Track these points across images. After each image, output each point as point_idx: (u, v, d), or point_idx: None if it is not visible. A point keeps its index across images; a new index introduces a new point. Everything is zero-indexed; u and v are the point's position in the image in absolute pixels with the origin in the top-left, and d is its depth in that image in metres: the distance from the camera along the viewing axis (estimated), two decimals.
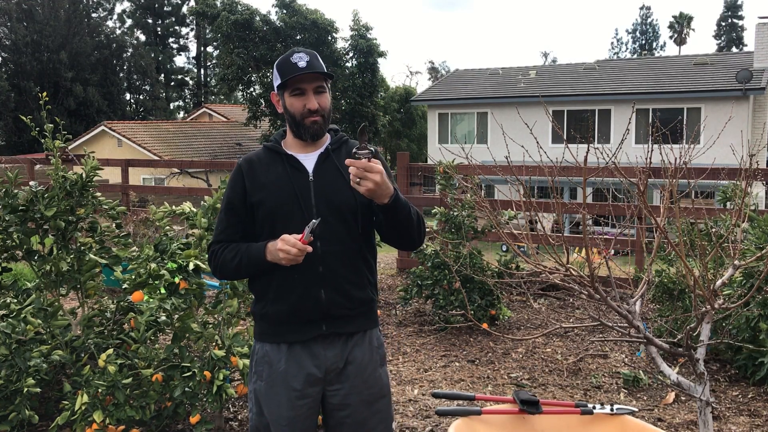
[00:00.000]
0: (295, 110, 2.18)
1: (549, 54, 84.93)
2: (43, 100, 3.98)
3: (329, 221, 2.16)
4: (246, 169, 2.27)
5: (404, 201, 2.14)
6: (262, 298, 2.27)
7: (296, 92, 2.17)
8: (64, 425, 3.43)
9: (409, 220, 2.16)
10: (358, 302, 2.24)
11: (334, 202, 2.19)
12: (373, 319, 2.31)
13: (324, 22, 28.83)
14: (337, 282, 2.19)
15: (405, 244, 2.30)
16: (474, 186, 5.07)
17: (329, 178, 2.21)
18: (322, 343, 2.22)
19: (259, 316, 2.29)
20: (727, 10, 61.67)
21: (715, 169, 4.73)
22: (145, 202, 11.29)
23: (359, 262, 2.24)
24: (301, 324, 2.21)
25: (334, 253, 2.18)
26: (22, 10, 41.31)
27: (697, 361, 2.87)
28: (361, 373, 2.25)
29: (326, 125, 2.23)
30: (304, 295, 2.18)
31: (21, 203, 3.76)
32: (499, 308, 5.70)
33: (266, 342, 2.27)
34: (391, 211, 2.09)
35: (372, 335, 2.30)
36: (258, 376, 2.28)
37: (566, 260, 2.91)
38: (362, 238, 2.25)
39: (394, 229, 2.19)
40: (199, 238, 3.62)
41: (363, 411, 2.26)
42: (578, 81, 25.73)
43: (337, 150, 2.27)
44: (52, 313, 3.63)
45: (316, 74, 2.16)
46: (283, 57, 2.20)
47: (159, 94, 51.00)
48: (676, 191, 3.00)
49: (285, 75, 2.16)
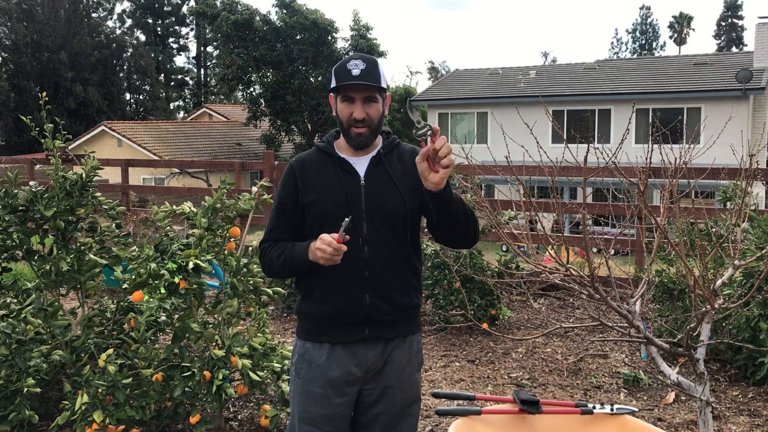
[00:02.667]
0: (343, 117, 2.20)
1: (549, 54, 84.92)
2: (43, 100, 3.97)
3: (377, 226, 2.18)
4: (298, 169, 2.28)
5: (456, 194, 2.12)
6: (308, 297, 2.29)
7: (346, 99, 2.18)
8: (64, 425, 3.43)
9: (462, 211, 2.14)
10: (401, 308, 2.25)
11: (384, 207, 2.20)
12: (416, 324, 2.34)
13: (324, 22, 28.83)
14: (381, 287, 2.21)
15: (461, 237, 2.23)
16: (474, 186, 5.07)
17: (380, 182, 2.22)
18: (363, 344, 2.24)
19: (303, 314, 2.32)
20: (727, 10, 61.66)
21: (715, 169, 4.74)
22: (145, 202, 11.28)
23: (405, 268, 2.26)
24: (344, 325, 2.23)
25: (380, 259, 2.20)
26: (22, 10, 41.31)
27: (697, 361, 2.87)
28: (398, 374, 2.27)
29: (373, 137, 2.22)
30: (349, 297, 2.20)
31: (21, 203, 3.76)
32: (499, 308, 5.70)
33: (308, 341, 2.29)
34: (445, 200, 2.05)
35: (413, 339, 2.33)
36: (297, 374, 2.29)
37: (566, 260, 2.91)
38: (410, 244, 2.26)
39: (449, 221, 2.14)
40: (199, 238, 3.62)
41: (395, 412, 2.28)
42: (578, 81, 25.72)
43: (388, 154, 2.28)
44: (52, 313, 3.63)
45: (367, 85, 2.15)
46: (341, 61, 2.20)
47: (159, 94, 51.00)
48: (676, 191, 3.00)
49: (338, 80, 2.17)
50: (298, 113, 30.18)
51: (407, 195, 2.20)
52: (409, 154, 2.29)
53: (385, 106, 2.24)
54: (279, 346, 3.73)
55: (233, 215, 3.74)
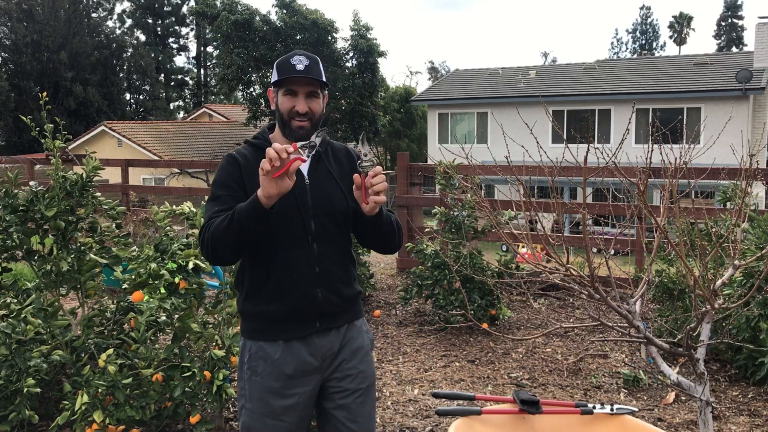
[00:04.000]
0: (284, 109, 2.21)
1: (549, 54, 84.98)
2: (43, 100, 3.98)
3: (324, 224, 2.23)
4: (243, 163, 2.23)
5: (386, 213, 2.23)
6: (256, 295, 2.26)
7: (288, 92, 2.21)
8: (64, 425, 3.43)
9: (391, 230, 2.26)
10: (347, 298, 2.32)
11: (329, 204, 2.24)
12: (359, 309, 2.40)
13: (324, 22, 28.82)
14: (331, 281, 2.26)
15: (384, 250, 2.38)
16: (474, 186, 5.07)
17: (323, 181, 2.26)
18: (316, 336, 2.26)
19: (251, 314, 2.28)
20: (727, 10, 61.68)
21: (715, 169, 4.74)
22: (145, 202, 11.29)
23: (347, 261, 2.33)
24: (298, 322, 2.24)
25: (328, 254, 2.25)
26: (22, 10, 41.31)
27: (697, 361, 2.87)
28: (356, 354, 2.32)
29: (313, 131, 2.20)
30: (302, 295, 2.22)
31: (21, 203, 3.76)
32: (499, 308, 5.70)
33: (260, 340, 2.27)
34: (378, 220, 2.17)
35: (360, 322, 2.39)
36: (252, 372, 2.26)
37: (566, 260, 2.91)
38: (348, 238, 2.34)
39: (377, 237, 2.28)
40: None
41: (359, 394, 2.31)
42: (578, 81, 25.74)
43: (325, 152, 2.32)
44: (52, 313, 3.63)
45: (311, 79, 2.20)
46: (284, 57, 2.24)
47: (159, 94, 51.00)
48: (676, 191, 3.00)
49: (281, 74, 2.21)
50: None
51: (348, 193, 2.22)
52: (343, 153, 2.35)
53: (324, 103, 2.28)
54: None
55: None
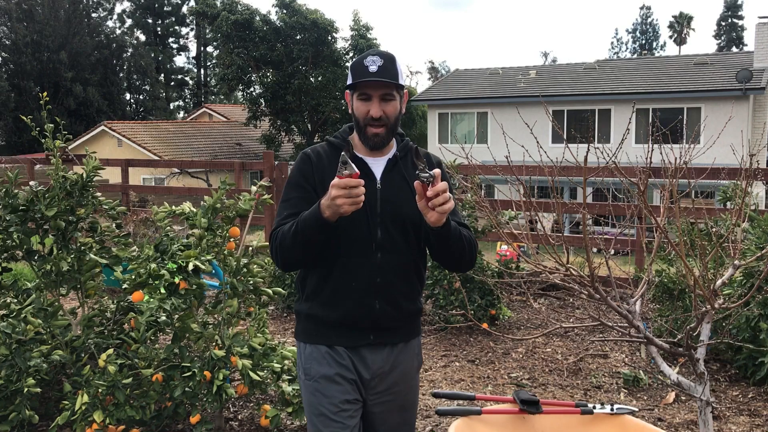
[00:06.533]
0: (359, 115, 2.13)
1: (549, 54, 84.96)
2: (43, 100, 3.97)
3: (391, 232, 2.14)
4: (315, 161, 2.18)
5: (455, 226, 2.10)
6: (313, 298, 2.21)
7: (363, 97, 2.11)
8: (64, 425, 3.43)
9: (460, 246, 2.13)
10: (407, 314, 2.23)
11: (399, 212, 2.15)
12: (417, 327, 2.32)
13: (324, 22, 28.82)
14: (391, 293, 2.17)
15: (452, 267, 2.28)
16: (474, 186, 5.07)
17: (396, 187, 2.17)
18: (367, 349, 2.20)
19: (305, 315, 2.24)
20: (727, 10, 61.65)
21: (715, 168, 4.74)
22: (145, 202, 11.29)
23: (412, 274, 2.23)
24: (350, 330, 2.18)
25: (392, 264, 2.15)
26: (22, 10, 41.31)
27: (697, 361, 2.87)
28: (404, 378, 2.26)
29: (389, 136, 2.16)
30: (359, 303, 2.15)
31: (21, 203, 3.76)
32: (499, 308, 5.70)
33: (310, 343, 2.22)
34: (444, 233, 2.04)
35: (414, 343, 2.31)
36: (306, 375, 2.22)
37: (566, 260, 2.91)
38: (418, 249, 2.22)
39: (443, 252, 2.15)
40: (199, 238, 3.62)
41: (399, 415, 2.27)
42: (578, 81, 25.72)
43: (404, 158, 2.22)
44: (52, 313, 3.63)
45: (385, 82, 2.08)
46: (358, 57, 2.14)
47: (159, 94, 51.01)
48: (676, 191, 3.00)
49: (355, 77, 2.10)
50: (298, 113, 30.17)
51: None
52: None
53: (403, 104, 2.17)
54: (279, 346, 3.73)
55: (233, 215, 3.73)
